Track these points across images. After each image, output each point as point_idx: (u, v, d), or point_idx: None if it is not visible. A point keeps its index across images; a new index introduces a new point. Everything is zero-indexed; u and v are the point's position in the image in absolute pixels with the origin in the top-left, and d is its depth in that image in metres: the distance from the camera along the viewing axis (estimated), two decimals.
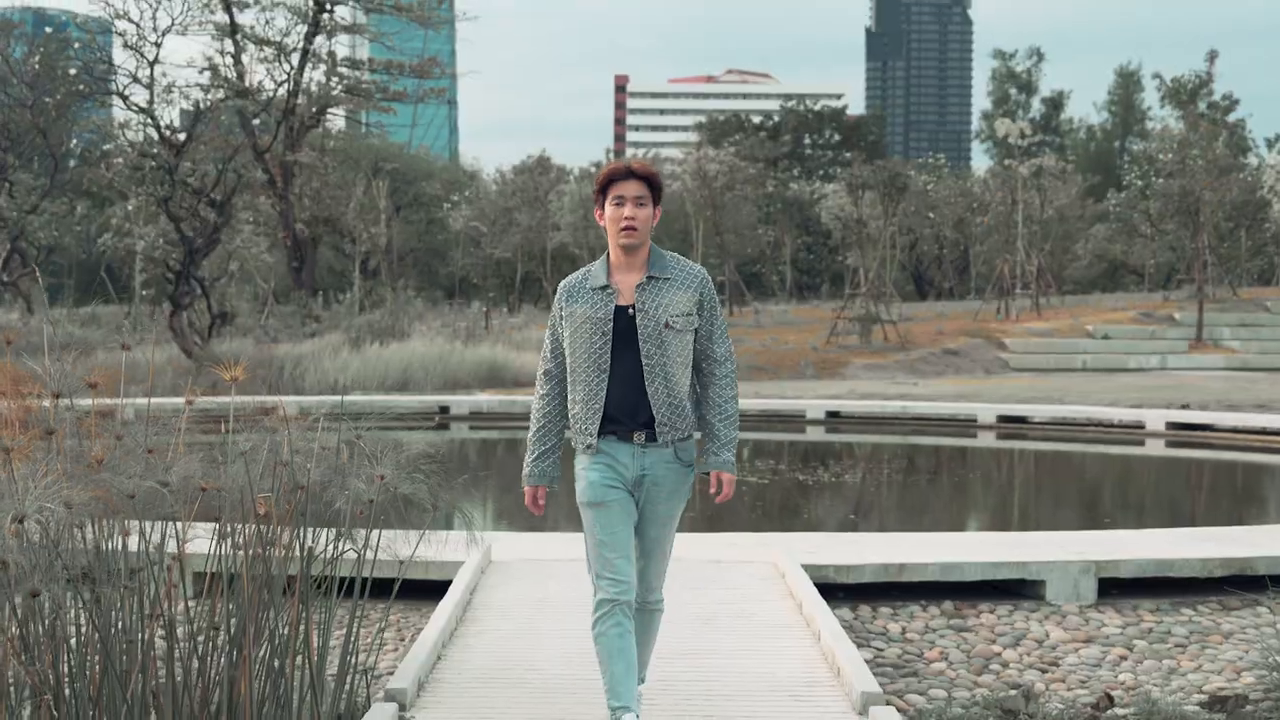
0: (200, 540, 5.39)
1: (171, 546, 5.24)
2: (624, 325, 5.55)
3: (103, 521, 4.91)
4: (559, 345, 5.71)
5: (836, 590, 8.65)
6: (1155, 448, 20.90)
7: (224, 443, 5.28)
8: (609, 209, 5.64)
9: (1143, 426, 21.83)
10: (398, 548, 5.77)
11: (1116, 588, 8.80)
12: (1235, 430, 21.08)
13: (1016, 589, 8.74)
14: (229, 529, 5.30)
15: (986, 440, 22.09)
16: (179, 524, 5.19)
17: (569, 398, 5.68)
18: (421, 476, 5.57)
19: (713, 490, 5.64)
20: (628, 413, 5.57)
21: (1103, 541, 9.61)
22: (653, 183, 5.70)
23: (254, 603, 5.21)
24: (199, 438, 5.72)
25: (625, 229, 5.58)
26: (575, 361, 5.61)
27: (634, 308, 5.56)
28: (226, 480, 5.13)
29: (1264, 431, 20.65)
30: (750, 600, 8.00)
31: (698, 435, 5.71)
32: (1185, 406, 23.95)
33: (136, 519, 4.97)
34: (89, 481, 4.49)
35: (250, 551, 5.25)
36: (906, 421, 23.45)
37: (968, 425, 23.01)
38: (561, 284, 5.78)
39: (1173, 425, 21.61)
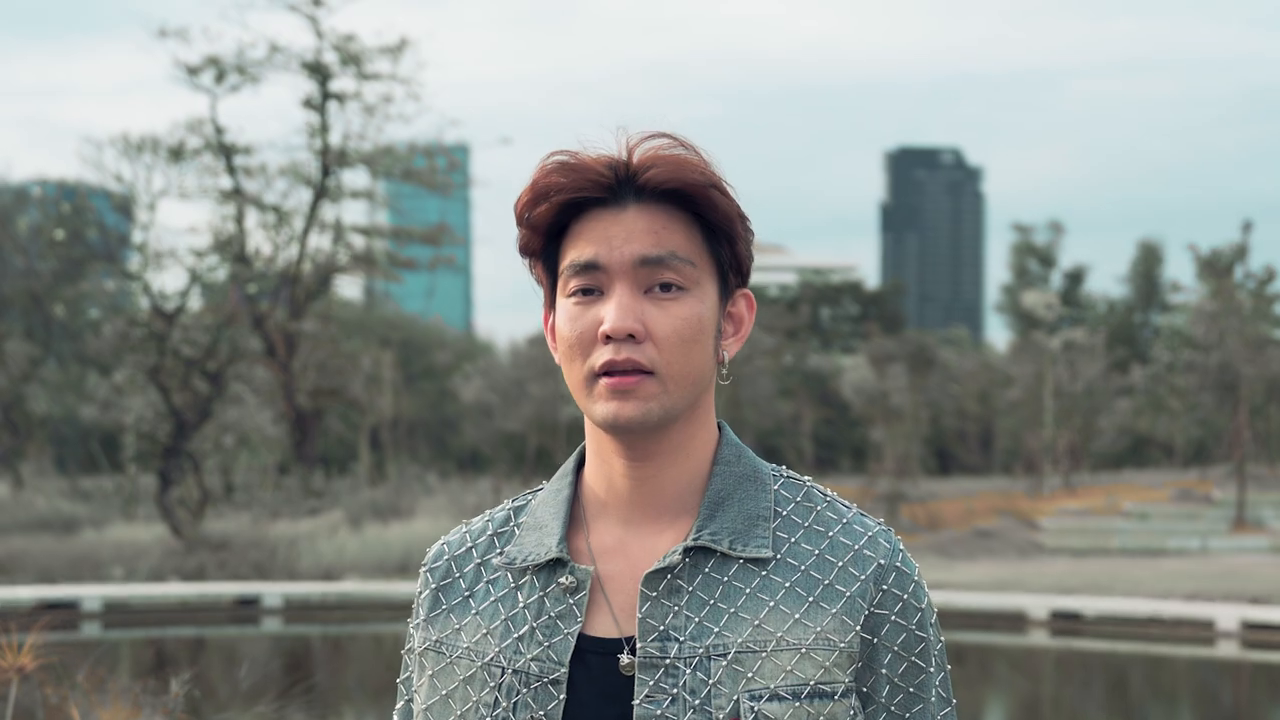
0: None
1: None
2: (608, 710, 1.69)
3: None
4: None
5: None
6: (1230, 649, 18.97)
7: None
8: (565, 310, 1.75)
9: (1212, 624, 19.86)
10: None
11: None
12: None
13: None
14: None
15: (1040, 638, 20.16)
16: None
17: None
18: None
19: None
20: None
21: None
22: (704, 206, 1.75)
23: None
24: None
25: (610, 378, 1.72)
26: None
27: (634, 648, 1.68)
28: None
29: None
30: None
31: None
32: (1255, 600, 21.99)
33: None
34: None
35: None
36: (951, 616, 21.49)
37: (1017, 620, 21.09)
38: (427, 562, 1.94)
39: (1248, 625, 19.63)
